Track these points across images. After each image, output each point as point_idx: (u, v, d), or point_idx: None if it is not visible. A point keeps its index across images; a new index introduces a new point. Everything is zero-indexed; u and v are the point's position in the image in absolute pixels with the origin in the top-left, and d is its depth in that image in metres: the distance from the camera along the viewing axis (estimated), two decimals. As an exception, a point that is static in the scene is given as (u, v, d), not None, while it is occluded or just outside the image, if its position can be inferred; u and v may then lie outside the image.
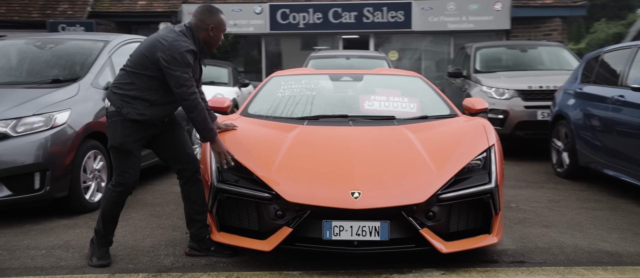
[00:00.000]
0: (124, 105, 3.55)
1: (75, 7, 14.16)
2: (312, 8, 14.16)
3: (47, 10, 14.14)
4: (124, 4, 14.34)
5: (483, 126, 4.20)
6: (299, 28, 14.17)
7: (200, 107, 3.57)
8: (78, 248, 3.86)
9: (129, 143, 3.57)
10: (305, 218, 3.42)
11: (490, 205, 3.72)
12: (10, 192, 4.38)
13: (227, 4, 14.25)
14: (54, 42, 5.80)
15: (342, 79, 5.15)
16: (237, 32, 14.14)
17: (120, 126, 3.56)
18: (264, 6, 14.10)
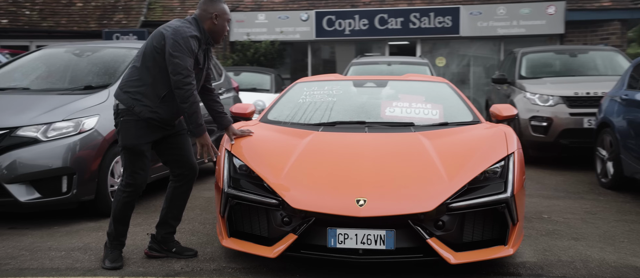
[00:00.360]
0: (135, 103, 3.58)
1: (129, 16, 14.64)
2: (358, 14, 14.11)
3: (103, 21, 14.68)
4: (175, 13, 14.72)
5: (504, 133, 4.06)
6: (344, 34, 14.15)
7: (192, 100, 3.54)
8: (96, 251, 3.95)
9: (142, 145, 3.62)
10: (311, 225, 3.39)
11: (506, 216, 3.59)
12: (40, 194, 4.54)
13: (273, 11, 14.40)
14: (92, 50, 5.99)
15: (365, 85, 5.10)
16: (283, 40, 14.25)
17: (134, 126, 3.60)
18: (310, 13, 14.17)
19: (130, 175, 3.65)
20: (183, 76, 3.50)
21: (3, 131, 4.55)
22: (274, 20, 14.34)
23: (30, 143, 4.55)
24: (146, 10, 14.71)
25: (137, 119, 3.60)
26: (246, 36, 14.27)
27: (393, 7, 14.44)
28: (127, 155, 3.65)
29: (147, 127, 3.62)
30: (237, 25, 14.47)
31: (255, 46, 13.93)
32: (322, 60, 14.73)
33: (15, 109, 4.77)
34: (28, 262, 3.74)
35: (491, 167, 3.70)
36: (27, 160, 4.50)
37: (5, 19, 15.30)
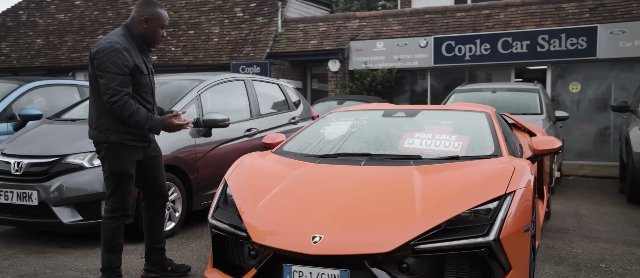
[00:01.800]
0: (108, 134, 3.66)
1: (256, 49, 15.46)
2: (479, 39, 13.51)
3: (234, 53, 15.66)
4: (298, 44, 15.25)
5: (513, 170, 3.64)
6: (464, 60, 13.61)
7: (127, 113, 3.55)
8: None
9: (130, 169, 3.73)
10: (271, 260, 3.32)
11: (491, 263, 3.22)
12: (82, 217, 4.95)
13: (392, 39, 14.31)
14: (165, 82, 6.44)
15: (394, 115, 4.86)
16: (401, 67, 14.08)
17: (121, 153, 3.68)
18: (428, 39, 13.86)
19: (118, 200, 3.71)
20: (108, 96, 3.53)
21: (55, 158, 5.05)
22: (392, 47, 14.24)
23: (76, 170, 5.00)
24: (272, 42, 15.43)
25: (124, 147, 3.69)
26: (364, 64, 14.34)
27: (519, 29, 13.61)
28: (115, 181, 3.70)
29: (131, 149, 3.72)
30: (355, 53, 14.61)
31: (373, 74, 13.93)
32: (442, 87, 14.29)
33: (71, 138, 5.27)
34: (44, 279, 4.09)
35: (481, 207, 3.34)
36: (71, 185, 4.93)
37: (155, 56, 16.98)
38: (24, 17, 22.09)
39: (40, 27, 21.12)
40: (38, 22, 21.50)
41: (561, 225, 5.90)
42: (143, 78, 3.75)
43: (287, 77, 15.37)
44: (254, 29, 16.14)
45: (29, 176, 5.06)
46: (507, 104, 9.22)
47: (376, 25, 14.99)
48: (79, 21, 20.23)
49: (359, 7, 30.40)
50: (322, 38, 15.13)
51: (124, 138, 3.69)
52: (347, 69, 14.72)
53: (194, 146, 5.74)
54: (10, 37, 21.50)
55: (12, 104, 7.08)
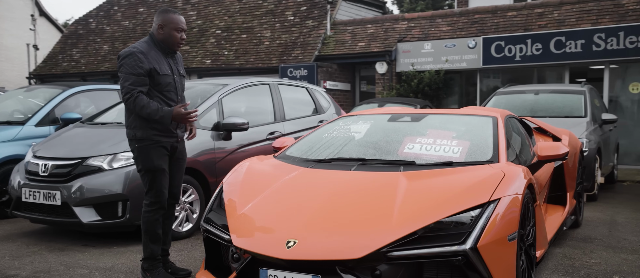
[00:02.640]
0: (136, 131, 3.98)
1: (305, 52, 15.59)
2: (531, 38, 13.07)
3: (283, 56, 15.86)
4: (346, 47, 15.25)
5: (502, 177, 3.55)
6: (515, 61, 13.21)
7: (138, 108, 3.87)
8: (114, 271, 4.38)
9: (161, 163, 4.02)
10: (249, 264, 3.37)
11: (469, 272, 3.15)
12: (100, 217, 5.18)
13: (440, 40, 14.08)
14: (190, 87, 6.60)
15: (400, 120, 4.81)
16: (448, 69, 13.83)
17: (150, 150, 3.99)
18: (477, 40, 13.54)
19: (155, 194, 4.02)
20: (122, 94, 3.92)
21: (76, 160, 5.31)
22: (441, 49, 14.01)
23: (95, 172, 5.23)
24: (320, 45, 15.51)
25: (150, 143, 3.99)
26: (411, 66, 14.18)
27: (573, 27, 13.08)
28: (149, 176, 4.02)
29: (159, 146, 4.00)
30: (403, 55, 14.47)
31: (420, 76, 13.76)
32: (492, 89, 13.92)
33: (94, 141, 5.52)
34: (59, 276, 4.29)
35: (461, 214, 3.27)
36: (91, 186, 5.17)
37: (208, 60, 17.43)
38: (93, 24, 23.17)
39: (107, 34, 22.09)
40: (105, 29, 22.50)
41: (589, 234, 5.65)
42: (162, 78, 4.02)
43: (335, 79, 15.42)
44: (303, 32, 16.27)
45: (54, 177, 5.34)
46: (549, 106, 8.91)
47: (424, 26, 14.79)
48: (141, 27, 21.02)
49: (424, 7, 30.04)
50: (370, 40, 15.07)
51: (150, 133, 3.99)
52: (394, 70, 14.60)
53: (213, 149, 5.88)
54: (80, 43, 22.61)
55: (55, 109, 7.46)
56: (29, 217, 5.51)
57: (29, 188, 5.44)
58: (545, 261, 4.63)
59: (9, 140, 6.85)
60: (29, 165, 5.61)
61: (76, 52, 22.30)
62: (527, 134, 5.37)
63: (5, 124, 7.15)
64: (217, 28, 18.42)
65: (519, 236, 3.50)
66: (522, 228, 3.60)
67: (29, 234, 5.77)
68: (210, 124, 5.99)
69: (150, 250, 4.05)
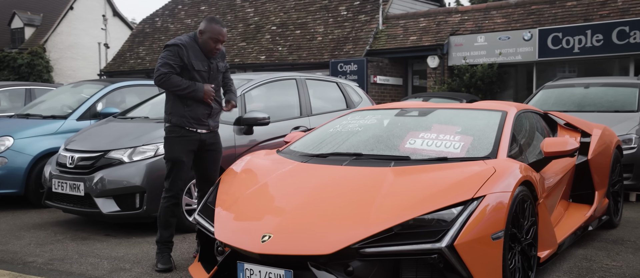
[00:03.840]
0: (170, 117, 4.29)
1: (357, 47, 15.51)
2: (590, 29, 12.45)
3: (335, 52, 15.84)
4: (397, 41, 15.05)
5: (491, 173, 3.41)
6: (573, 53, 12.62)
7: (167, 84, 4.17)
8: (127, 260, 4.52)
9: (182, 156, 4.25)
10: (228, 257, 3.40)
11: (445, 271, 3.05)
12: (119, 208, 5.35)
13: (494, 32, 13.64)
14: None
15: (407, 114, 4.69)
16: (502, 62, 13.38)
17: (174, 142, 4.27)
18: (533, 32, 13.02)
19: (170, 182, 4.28)
20: (155, 75, 4.21)
21: (99, 153, 5.51)
22: (494, 41, 13.58)
23: (116, 164, 5.41)
24: (372, 39, 15.39)
25: (176, 135, 4.24)
26: (463, 60, 13.83)
27: (637, 17, 12.36)
28: (168, 165, 4.31)
29: (184, 139, 4.24)
30: (455, 49, 14.14)
31: (472, 70, 13.39)
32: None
33: (118, 135, 5.70)
34: (74, 266, 4.44)
35: (442, 211, 3.17)
36: (111, 178, 5.35)
37: (263, 56, 17.67)
38: (159, 23, 23.97)
39: (170, 32, 22.80)
40: (169, 27, 23.24)
41: (623, 235, 5.33)
42: (196, 74, 4.26)
43: (386, 74, 15.25)
44: (356, 27, 16.20)
45: (78, 169, 5.56)
46: (599, 100, 8.46)
47: (478, 18, 14.38)
48: (201, 25, 21.51)
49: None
50: (422, 34, 14.81)
51: (182, 121, 4.25)
52: (446, 64, 14.29)
53: (233, 144, 5.95)
54: (146, 42, 23.46)
55: (96, 103, 7.77)
56: (58, 206, 5.77)
57: (58, 179, 5.70)
58: (560, 262, 4.40)
59: (50, 134, 7.19)
60: (59, 157, 5.88)
61: (142, 50, 23.15)
62: (549, 130, 5.12)
63: (49, 118, 7.51)
64: (273, 24, 18.62)
65: (509, 235, 3.35)
66: (515, 227, 3.44)
67: (60, 223, 6.04)
68: (232, 118, 6.05)
69: (159, 235, 4.31)
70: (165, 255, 4.26)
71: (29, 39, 31.94)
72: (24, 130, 7.16)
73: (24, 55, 29.30)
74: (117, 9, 34.31)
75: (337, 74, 14.74)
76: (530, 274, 3.66)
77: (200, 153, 4.41)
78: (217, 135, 4.53)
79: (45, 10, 33.21)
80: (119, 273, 4.22)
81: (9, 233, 5.60)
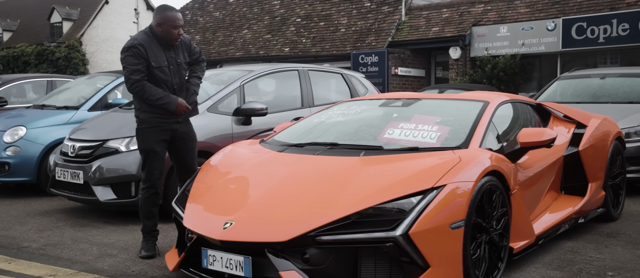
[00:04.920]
0: (139, 113, 4.36)
1: (379, 38, 15.44)
2: (616, 18, 12.10)
3: (358, 43, 15.81)
4: (419, 32, 14.92)
5: (455, 163, 3.41)
6: (598, 43, 12.29)
7: (147, 95, 4.18)
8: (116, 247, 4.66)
9: (155, 146, 4.32)
10: (194, 243, 3.47)
11: (401, 259, 3.07)
12: (115, 196, 5.50)
13: (517, 22, 13.39)
14: (220, 73, 6.81)
15: (391, 105, 4.68)
16: (525, 53, 13.13)
17: (145, 133, 4.35)
18: (557, 21, 12.74)
19: (146, 173, 4.36)
20: (129, 85, 4.24)
21: (97, 143, 5.67)
22: (517, 32, 13.34)
23: (113, 153, 5.56)
24: (394, 31, 15.29)
25: (147, 126, 4.33)
26: (485, 51, 13.62)
27: (666, 5, 11.98)
28: (143, 156, 4.40)
29: (155, 130, 4.31)
30: (477, 40, 13.94)
31: (494, 61, 13.19)
32: (573, 74, 13.05)
33: (117, 125, 5.85)
34: (61, 251, 4.59)
35: (400, 200, 3.18)
36: (108, 167, 5.50)
37: (287, 48, 17.75)
38: (189, 16, 24.29)
39: (199, 25, 23.10)
40: (198, 20, 23.54)
41: (620, 228, 5.21)
42: (156, 70, 4.28)
43: (408, 65, 15.15)
44: (378, 19, 16.12)
45: (79, 158, 5.74)
46: (615, 91, 8.25)
47: (501, 9, 14.14)
48: (230, 18, 21.77)
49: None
50: (444, 25, 14.65)
51: (151, 116, 4.32)
52: (468, 56, 14.11)
53: (230, 134, 6.03)
54: (176, 34, 23.74)
55: (108, 94, 7.97)
56: (61, 194, 5.96)
57: (61, 168, 5.89)
58: (544, 254, 4.35)
59: (62, 124, 7.41)
60: (63, 147, 6.07)
61: (172, 43, 23.46)
62: (541, 120, 5.04)
63: (62, 109, 7.75)
64: (298, 16, 18.68)
65: (473, 224, 3.34)
66: (480, 216, 3.42)
67: (65, 210, 6.24)
68: (231, 109, 6.14)
69: (143, 225, 4.42)
70: (149, 243, 4.37)
71: (67, 33, 32.83)
72: (37, 121, 7.40)
73: (61, 48, 30.17)
74: (151, 2, 34.91)
75: (358, 65, 14.72)
76: (499, 264, 3.63)
77: (174, 143, 4.47)
78: (189, 124, 4.56)
79: (82, 5, 34.06)
80: (105, 259, 4.35)
81: (14, 219, 5.82)
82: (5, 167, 7.07)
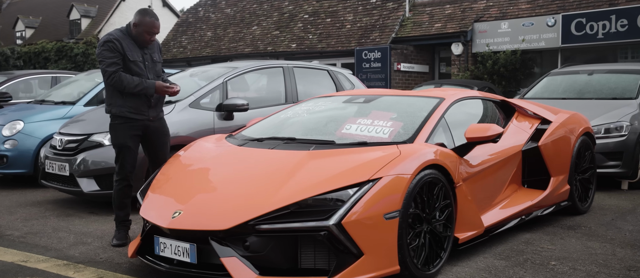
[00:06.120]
0: (111, 108, 4.60)
1: (383, 34, 15.55)
2: (615, 14, 12.08)
3: (362, 39, 15.94)
4: (422, 28, 15.00)
5: (395, 157, 3.58)
6: (597, 39, 12.28)
7: (125, 83, 4.41)
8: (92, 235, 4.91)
9: (127, 141, 4.56)
10: (149, 231, 3.70)
11: (334, 247, 3.26)
12: (99, 187, 5.76)
13: (518, 18, 13.41)
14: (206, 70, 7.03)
15: (354, 101, 4.86)
16: (526, 48, 13.16)
17: (117, 128, 4.59)
18: (557, 17, 12.74)
19: (119, 166, 4.60)
20: (105, 77, 4.49)
21: (83, 136, 5.94)
22: (518, 28, 13.37)
23: (96, 147, 5.83)
24: (398, 27, 15.40)
25: (119, 122, 4.56)
26: (487, 47, 13.68)
27: (667, 1, 11.93)
28: (116, 150, 4.63)
29: (127, 125, 4.54)
30: (479, 35, 13.99)
31: (495, 57, 13.24)
32: (574, 69, 13.04)
33: (102, 120, 6.08)
34: (39, 239, 4.85)
35: (340, 191, 3.37)
36: (91, 159, 5.77)
37: (294, 44, 17.95)
38: (201, 13, 24.63)
39: (211, 21, 23.41)
40: (210, 16, 23.85)
41: (582, 221, 5.32)
42: (131, 64, 4.55)
43: (411, 61, 15.25)
44: (383, 15, 16.23)
45: (66, 151, 6.01)
46: (601, 87, 8.32)
47: (503, 4, 14.17)
48: (240, 14, 22.03)
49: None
50: (447, 21, 14.72)
51: (122, 110, 4.53)
52: (470, 51, 14.17)
53: (212, 129, 6.25)
54: (189, 31, 24.16)
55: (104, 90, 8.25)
56: (51, 186, 6.24)
57: (50, 161, 6.17)
58: (496, 245, 4.49)
59: (59, 118, 7.70)
60: (53, 140, 6.36)
61: (185, 39, 23.86)
62: (505, 116, 5.18)
63: (59, 104, 8.05)
64: (306, 13, 18.87)
65: (412, 215, 3.51)
66: (419, 207, 3.58)
67: (55, 201, 6.52)
68: (214, 105, 6.36)
69: (116, 215, 4.66)
70: (121, 232, 4.60)
71: (85, 30, 33.45)
72: (34, 115, 7.72)
73: (79, 45, 30.75)
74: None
75: (361, 61, 14.86)
76: (442, 254, 3.79)
77: (148, 138, 4.71)
78: (163, 121, 4.80)
79: (100, 2, 34.66)
80: (78, 246, 4.60)
81: (5, 208, 6.12)
82: (4, 160, 7.40)
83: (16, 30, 37.01)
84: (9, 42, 34.91)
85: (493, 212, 4.46)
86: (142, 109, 4.59)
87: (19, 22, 36.82)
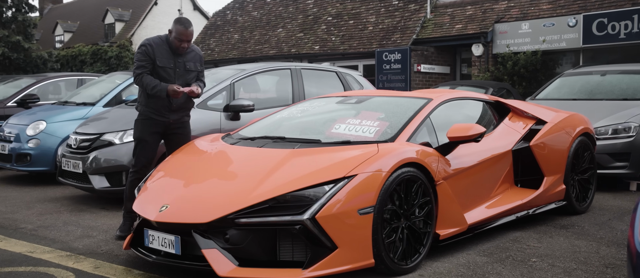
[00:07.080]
0: (138, 106, 4.99)
1: (404, 36, 15.61)
2: (637, 14, 11.91)
3: (383, 41, 16.03)
4: (443, 29, 15.01)
5: (373, 155, 3.73)
6: (619, 39, 12.12)
7: (144, 84, 4.75)
8: (98, 229, 5.17)
9: (145, 136, 4.87)
10: (140, 224, 3.92)
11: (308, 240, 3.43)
12: (109, 184, 6.04)
13: (539, 19, 13.32)
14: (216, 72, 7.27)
15: (347, 102, 5.01)
16: (547, 49, 13.06)
17: (139, 123, 4.93)
18: (578, 17, 12.62)
19: (135, 159, 4.89)
20: (133, 76, 4.85)
21: (95, 135, 6.23)
22: (539, 28, 13.28)
23: (107, 145, 6.11)
24: (419, 28, 15.44)
25: (142, 118, 4.92)
26: (507, 48, 13.62)
27: (692, 0, 11.71)
28: (134, 143, 4.95)
29: (149, 122, 4.85)
30: (500, 36, 13.94)
31: (515, 58, 13.18)
32: (596, 70, 12.89)
33: (115, 120, 6.38)
34: (49, 232, 5.14)
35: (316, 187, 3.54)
36: (103, 157, 6.06)
37: (317, 46, 18.15)
38: (229, 16, 25.02)
39: (238, 24, 23.77)
40: (238, 19, 24.22)
41: (577, 221, 5.35)
42: (160, 69, 4.84)
43: (431, 62, 15.28)
44: (405, 16, 16.29)
45: (80, 149, 6.32)
46: (612, 88, 8.28)
47: (524, 5, 14.08)
48: (266, 17, 22.33)
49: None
50: (467, 22, 14.70)
51: (146, 110, 4.91)
52: (490, 52, 14.12)
53: (219, 129, 6.47)
54: (217, 34, 24.58)
55: (123, 91, 8.58)
56: (67, 183, 6.56)
57: (65, 159, 6.49)
58: (483, 242, 4.58)
59: (79, 119, 8.03)
60: (69, 139, 6.68)
61: (213, 42, 24.29)
62: (498, 117, 5.26)
63: (80, 105, 8.41)
64: (329, 15, 19.04)
65: (388, 211, 3.65)
66: (393, 204, 3.71)
67: (72, 198, 6.83)
68: (221, 106, 6.59)
69: (125, 205, 4.90)
70: (126, 224, 4.84)
71: (119, 33, 34.30)
72: (57, 116, 8.08)
73: (113, 48, 31.57)
74: (197, 3, 36.00)
75: (382, 63, 14.96)
76: (420, 249, 3.91)
77: (169, 136, 5.00)
78: (186, 125, 5.07)
79: (133, 6, 35.50)
80: (83, 239, 4.86)
81: (24, 203, 6.45)
82: (28, 158, 7.77)
83: (56, 34, 38.20)
84: (49, 45, 36.06)
85: (478, 210, 4.54)
86: (163, 111, 4.90)
87: (58, 27, 37.99)
